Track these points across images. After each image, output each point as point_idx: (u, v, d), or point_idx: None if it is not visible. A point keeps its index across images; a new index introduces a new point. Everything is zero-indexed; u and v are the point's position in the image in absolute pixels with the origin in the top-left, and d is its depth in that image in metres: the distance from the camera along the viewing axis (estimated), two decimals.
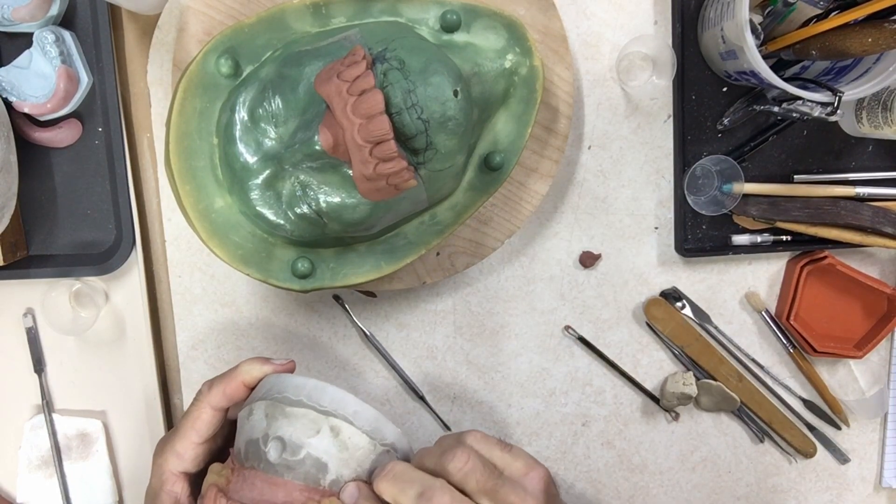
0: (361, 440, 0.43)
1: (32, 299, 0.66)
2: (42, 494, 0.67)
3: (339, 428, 0.42)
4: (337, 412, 0.43)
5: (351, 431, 0.43)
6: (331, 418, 0.42)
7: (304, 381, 0.44)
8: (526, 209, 0.63)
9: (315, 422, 0.42)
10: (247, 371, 0.47)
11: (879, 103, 0.61)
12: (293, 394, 0.44)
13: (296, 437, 0.42)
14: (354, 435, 0.43)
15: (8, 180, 0.57)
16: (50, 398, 0.67)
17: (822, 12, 0.58)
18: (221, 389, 0.47)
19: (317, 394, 0.43)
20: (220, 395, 0.47)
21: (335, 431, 0.42)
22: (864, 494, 0.75)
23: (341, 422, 0.43)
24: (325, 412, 0.43)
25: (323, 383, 0.44)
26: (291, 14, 0.56)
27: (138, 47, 0.64)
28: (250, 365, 0.47)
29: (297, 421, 0.42)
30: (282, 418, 0.43)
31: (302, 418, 0.42)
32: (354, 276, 0.58)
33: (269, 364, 0.47)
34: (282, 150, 0.52)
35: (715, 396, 0.69)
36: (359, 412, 0.43)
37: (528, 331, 0.69)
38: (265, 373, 0.47)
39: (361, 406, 0.44)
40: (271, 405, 0.43)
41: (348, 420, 0.43)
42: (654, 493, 0.73)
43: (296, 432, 0.42)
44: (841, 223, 0.65)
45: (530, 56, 0.57)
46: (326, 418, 0.42)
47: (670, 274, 0.69)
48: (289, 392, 0.44)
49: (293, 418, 0.43)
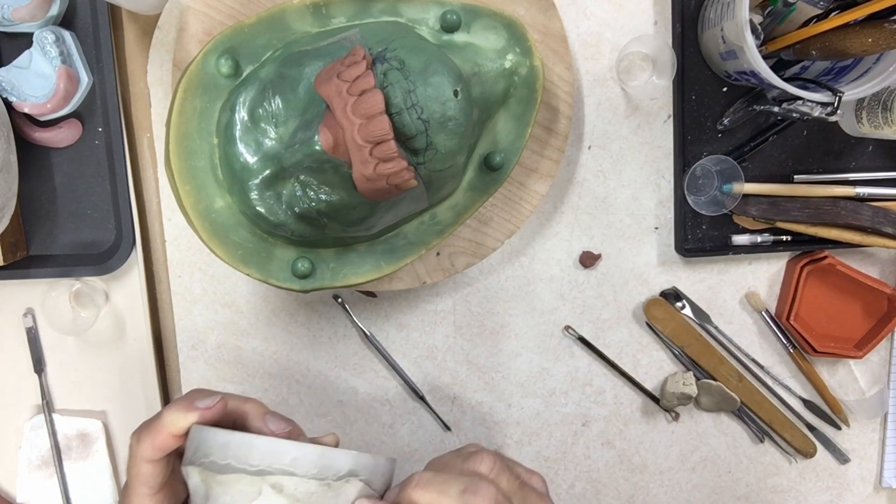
0: (310, 486, 0.38)
1: (32, 299, 0.66)
2: (42, 494, 0.67)
3: (281, 484, 0.38)
4: (272, 467, 0.38)
5: (295, 483, 0.38)
6: (268, 477, 0.38)
7: (229, 438, 0.39)
8: (526, 209, 0.63)
9: (252, 484, 0.38)
10: (171, 422, 0.42)
11: (879, 103, 0.61)
12: (219, 457, 0.39)
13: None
14: (300, 484, 0.38)
15: (8, 180, 0.57)
16: (50, 398, 0.67)
17: (822, 12, 0.58)
18: (150, 442, 0.42)
19: (244, 452, 0.38)
20: (151, 449, 0.42)
21: (277, 488, 0.38)
22: (864, 494, 0.75)
23: (280, 477, 0.38)
24: (259, 472, 0.38)
25: (250, 437, 0.38)
26: (291, 14, 0.56)
27: (138, 47, 0.64)
28: (174, 415, 0.42)
29: (232, 487, 0.38)
30: (216, 486, 0.38)
31: (236, 484, 0.38)
32: (354, 276, 0.58)
33: (193, 411, 0.41)
34: (282, 150, 0.52)
35: (715, 396, 0.69)
36: (298, 458, 0.38)
37: (528, 331, 0.69)
38: (190, 422, 0.41)
39: (300, 450, 0.38)
40: (203, 472, 0.39)
41: (288, 472, 0.38)
42: (654, 493, 0.73)
43: (234, 500, 0.38)
44: (841, 223, 0.65)
45: (530, 56, 0.57)
46: (263, 478, 0.38)
47: (670, 274, 0.69)
48: (214, 455, 0.39)
49: (227, 485, 0.38)
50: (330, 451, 0.39)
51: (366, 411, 0.69)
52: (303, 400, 0.69)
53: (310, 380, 0.69)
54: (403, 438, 0.70)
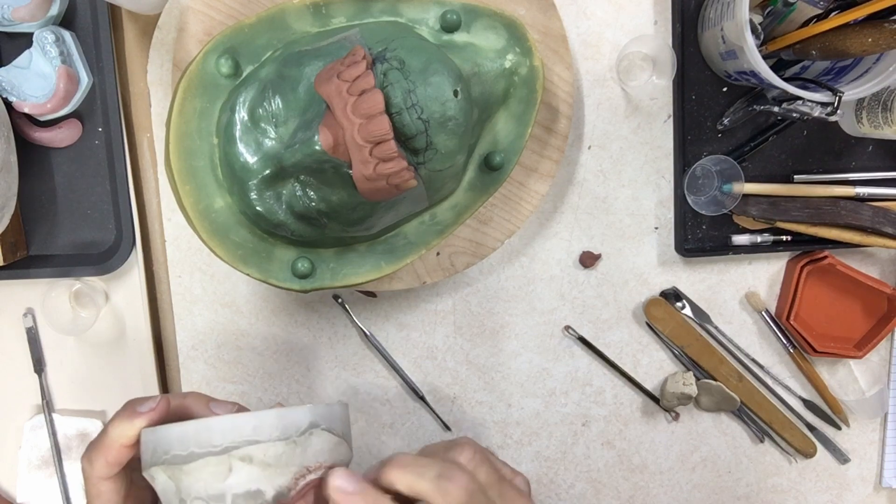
0: (277, 448, 0.39)
1: (32, 299, 0.66)
2: (42, 494, 0.67)
3: (249, 455, 0.38)
4: (236, 442, 0.38)
5: (262, 449, 0.39)
6: (234, 452, 0.38)
7: (184, 428, 0.39)
8: (526, 209, 0.63)
9: (220, 464, 0.38)
10: (119, 435, 0.41)
11: (879, 103, 0.61)
12: (180, 449, 0.39)
13: (212, 489, 0.38)
14: (268, 449, 0.39)
15: (8, 180, 0.57)
16: (50, 398, 0.67)
17: (822, 12, 0.58)
18: (103, 460, 0.41)
19: (204, 436, 0.39)
20: (105, 466, 0.42)
21: (247, 460, 0.38)
22: (864, 494, 0.75)
23: (246, 448, 0.38)
24: (224, 450, 0.38)
25: (204, 421, 0.39)
26: (291, 14, 0.56)
27: (138, 47, 0.64)
28: (119, 427, 0.41)
29: (202, 473, 0.38)
30: (185, 477, 0.39)
31: (205, 468, 0.38)
32: (354, 276, 0.58)
33: (138, 417, 0.41)
34: (282, 150, 0.52)
35: (715, 396, 0.69)
36: (258, 426, 0.39)
37: (528, 331, 0.69)
38: (138, 429, 0.41)
39: (257, 418, 0.39)
40: (167, 468, 0.39)
41: (252, 441, 0.39)
42: (654, 493, 0.73)
43: (208, 484, 0.38)
44: (841, 223, 0.65)
45: (530, 56, 0.57)
46: (229, 455, 0.38)
47: (670, 274, 0.69)
48: (175, 449, 0.39)
49: (196, 473, 0.38)
50: (286, 410, 0.40)
51: (366, 411, 0.69)
52: (303, 400, 0.69)
53: (310, 380, 0.69)
54: (403, 438, 0.70)
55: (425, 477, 0.39)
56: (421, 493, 0.39)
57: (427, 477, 0.39)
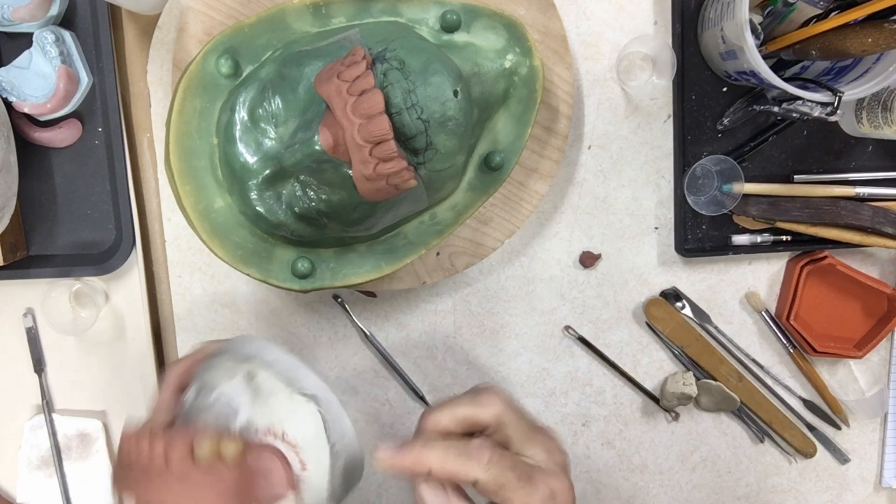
0: (276, 385, 0.43)
1: (32, 299, 0.66)
2: (42, 494, 0.67)
3: (254, 373, 0.43)
4: (256, 357, 0.43)
5: (265, 377, 0.43)
6: (246, 364, 0.43)
7: (244, 337, 0.46)
8: (526, 209, 0.63)
9: (232, 367, 0.43)
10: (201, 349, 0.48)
11: (879, 103, 0.61)
12: (220, 349, 0.45)
13: (212, 381, 0.43)
14: (268, 380, 0.43)
15: (8, 180, 0.57)
16: (50, 398, 0.67)
17: (822, 12, 0.58)
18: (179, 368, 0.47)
19: (239, 344, 0.44)
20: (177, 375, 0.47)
21: (249, 376, 0.43)
22: (864, 494, 0.75)
23: (257, 367, 0.43)
24: (243, 358, 0.43)
25: (251, 337, 0.46)
26: (291, 14, 0.56)
27: (138, 47, 0.64)
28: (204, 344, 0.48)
29: (216, 369, 0.43)
30: (204, 371, 0.44)
31: (220, 366, 0.43)
32: (354, 276, 0.58)
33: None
34: (282, 150, 0.52)
35: (715, 396, 0.69)
36: (278, 360, 0.44)
37: (528, 331, 0.69)
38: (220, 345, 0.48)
39: (283, 355, 0.44)
40: (202, 365, 0.45)
41: (265, 365, 0.43)
42: (654, 493, 0.73)
43: (213, 377, 0.43)
44: (841, 223, 0.65)
45: (530, 56, 0.57)
46: (242, 363, 0.43)
47: (670, 274, 0.69)
48: (225, 347, 0.45)
49: (212, 367, 0.43)
50: (305, 369, 0.44)
51: (366, 411, 0.69)
52: None
53: None
54: (404, 439, 0.70)
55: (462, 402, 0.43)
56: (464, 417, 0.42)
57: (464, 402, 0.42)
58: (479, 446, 0.40)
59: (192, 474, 0.39)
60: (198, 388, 0.43)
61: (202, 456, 0.39)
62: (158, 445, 0.39)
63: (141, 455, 0.40)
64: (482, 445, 0.40)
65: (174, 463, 0.38)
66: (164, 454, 0.39)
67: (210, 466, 0.39)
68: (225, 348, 0.45)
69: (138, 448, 0.40)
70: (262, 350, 0.44)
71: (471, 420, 0.42)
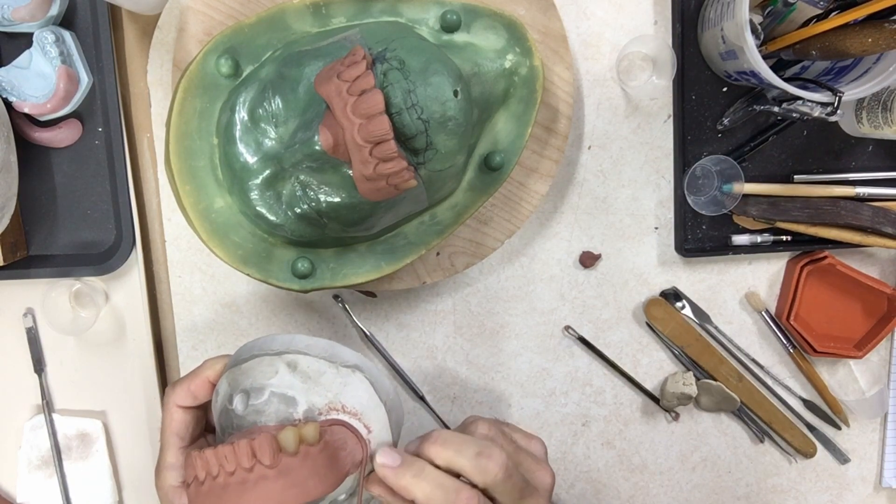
0: (321, 366, 0.43)
1: (32, 299, 0.66)
2: (42, 494, 0.67)
3: (296, 361, 0.43)
4: (289, 349, 0.43)
5: (308, 361, 0.43)
6: (284, 356, 0.43)
7: (254, 340, 0.45)
8: (526, 209, 0.63)
9: (271, 364, 0.43)
10: (209, 366, 0.47)
11: (879, 103, 0.61)
12: (245, 354, 0.44)
13: (256, 384, 0.43)
14: (312, 363, 0.43)
15: (8, 180, 0.57)
16: (50, 398, 0.67)
17: (822, 12, 0.58)
18: (185, 387, 0.46)
19: (266, 343, 0.44)
20: (185, 393, 0.46)
21: (292, 366, 0.43)
22: (864, 494, 0.75)
23: (295, 356, 0.43)
24: (277, 353, 0.43)
25: (272, 335, 0.45)
26: (291, 14, 0.56)
27: (138, 47, 0.64)
28: (210, 362, 0.47)
29: (254, 371, 0.43)
30: (240, 377, 0.43)
31: (257, 367, 0.43)
32: (354, 276, 0.58)
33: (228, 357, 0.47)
34: (282, 150, 0.52)
35: (715, 396, 0.69)
36: (311, 345, 0.44)
37: (528, 331, 0.69)
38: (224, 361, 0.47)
39: (312, 339, 0.44)
40: (230, 374, 0.44)
41: (302, 352, 0.43)
42: (654, 493, 0.73)
43: (255, 380, 0.43)
44: (841, 223, 0.65)
45: (530, 56, 0.57)
46: (280, 357, 0.43)
47: (670, 274, 0.69)
48: (242, 355, 0.45)
49: (249, 371, 0.43)
50: (339, 345, 0.45)
51: None
52: None
53: None
54: (404, 439, 0.70)
55: (464, 454, 0.42)
56: (460, 468, 0.42)
57: (466, 455, 0.42)
58: (468, 499, 0.41)
59: (290, 464, 0.40)
60: (243, 395, 0.43)
61: (290, 446, 0.40)
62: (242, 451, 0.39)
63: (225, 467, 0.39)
64: (470, 499, 0.41)
65: (268, 460, 0.39)
66: (252, 457, 0.39)
67: (302, 453, 0.40)
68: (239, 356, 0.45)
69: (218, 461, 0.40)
70: (289, 342, 0.44)
71: (466, 475, 0.43)
